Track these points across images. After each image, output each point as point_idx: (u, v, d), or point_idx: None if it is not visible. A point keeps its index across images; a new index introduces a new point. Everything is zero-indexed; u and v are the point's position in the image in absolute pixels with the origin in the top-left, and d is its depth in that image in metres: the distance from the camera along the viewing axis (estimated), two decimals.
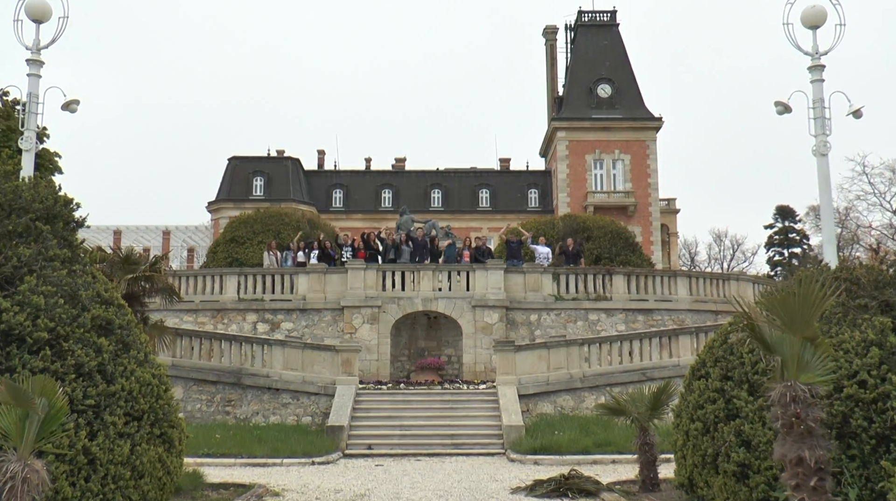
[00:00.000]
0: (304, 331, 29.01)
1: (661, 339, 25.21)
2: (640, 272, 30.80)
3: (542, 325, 29.24)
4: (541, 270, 29.94)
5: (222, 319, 29.47)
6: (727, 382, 10.98)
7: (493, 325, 28.91)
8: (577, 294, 29.76)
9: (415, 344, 30.45)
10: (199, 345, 25.41)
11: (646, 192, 65.55)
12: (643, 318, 29.65)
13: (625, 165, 66.19)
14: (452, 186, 73.24)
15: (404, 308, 29.31)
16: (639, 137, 66.55)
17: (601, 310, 29.57)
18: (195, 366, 24.96)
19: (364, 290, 29.24)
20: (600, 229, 36.78)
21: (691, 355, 23.83)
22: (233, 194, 69.99)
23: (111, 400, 10.06)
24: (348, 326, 28.98)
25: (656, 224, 65.59)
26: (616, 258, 35.31)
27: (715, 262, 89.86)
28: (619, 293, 29.83)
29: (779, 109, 18.54)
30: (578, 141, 66.74)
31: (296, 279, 29.91)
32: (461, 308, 29.21)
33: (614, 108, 67.31)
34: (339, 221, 67.19)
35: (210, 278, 30.42)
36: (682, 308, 30.00)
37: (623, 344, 25.16)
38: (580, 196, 65.50)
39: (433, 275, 29.52)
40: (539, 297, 29.53)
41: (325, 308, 29.41)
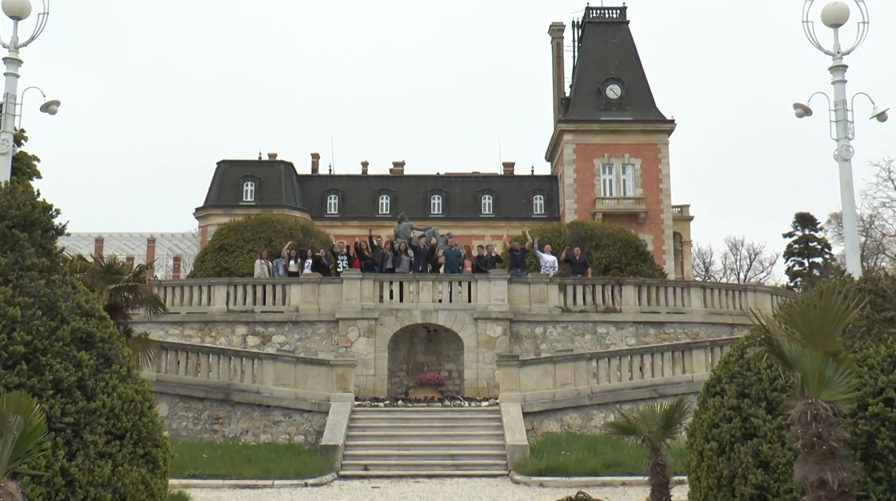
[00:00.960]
0: (297, 345, 28.96)
1: (673, 353, 25.16)
2: (651, 283, 30.75)
3: (547, 338, 29.19)
4: (546, 280, 29.90)
5: (210, 332, 29.41)
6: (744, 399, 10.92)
7: (496, 338, 28.87)
8: (584, 306, 29.71)
9: (414, 359, 30.40)
10: (186, 359, 25.36)
11: (657, 198, 65.55)
12: (655, 331, 29.59)
13: (635, 170, 66.21)
14: (453, 191, 73.25)
15: (403, 321, 29.27)
16: (650, 140, 66.57)
17: (610, 323, 29.52)
18: (181, 382, 24.90)
19: (360, 301, 29.21)
20: (609, 238, 36.73)
21: (706, 370, 23.79)
22: (222, 200, 69.98)
23: (91, 418, 10.01)
24: (343, 339, 28.94)
25: (668, 232, 65.55)
26: (626, 268, 35.27)
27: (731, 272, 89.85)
28: (630, 305, 29.78)
29: (798, 111, 18.54)
30: (586, 144, 66.74)
31: (288, 290, 29.86)
32: (462, 321, 29.17)
33: (624, 109, 67.37)
34: (334, 228, 67.09)
35: (197, 288, 30.38)
36: (695, 321, 29.94)
37: (633, 359, 25.11)
38: (588, 202, 65.49)
39: (433, 286, 29.49)
40: (545, 309, 29.48)
41: (318, 321, 29.37)
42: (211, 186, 71.53)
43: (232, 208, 67.90)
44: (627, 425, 14.69)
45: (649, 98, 68.28)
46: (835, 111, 17.80)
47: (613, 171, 66.47)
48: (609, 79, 68.15)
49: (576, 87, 69.78)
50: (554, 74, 76.65)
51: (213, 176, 71.98)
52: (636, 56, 69.86)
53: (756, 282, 74.54)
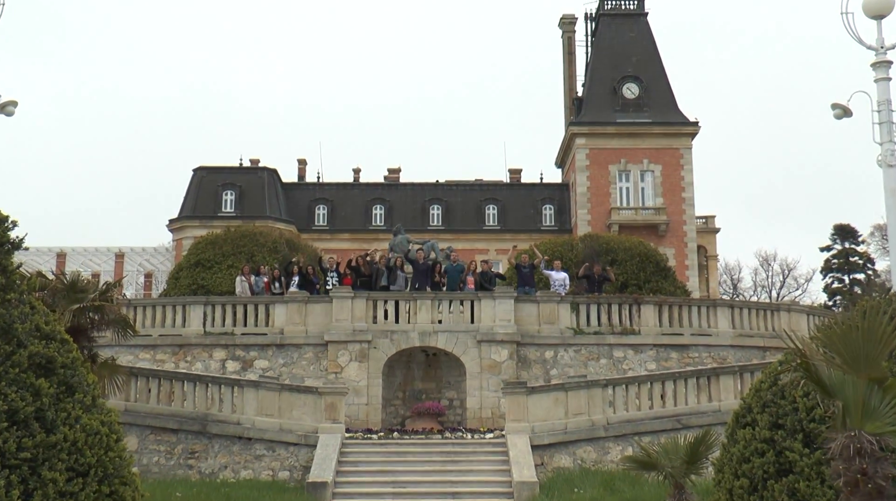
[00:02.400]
0: (282, 370, 28.91)
1: (698, 380, 25.10)
2: (673, 302, 30.73)
3: (558, 363, 29.15)
4: (557, 299, 29.86)
5: (185, 356, 29.35)
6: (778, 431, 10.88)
7: (501, 363, 28.82)
8: (599, 327, 29.67)
9: (410, 386, 30.35)
10: (158, 387, 25.29)
11: (679, 208, 65.58)
12: (677, 355, 29.55)
13: (655, 177, 66.28)
14: (454, 201, 73.31)
15: (398, 344, 29.23)
16: (671, 144, 66.65)
17: (628, 346, 29.48)
18: (153, 411, 24.82)
19: (351, 322, 29.17)
20: (626, 252, 36.69)
21: (735, 398, 23.67)
22: (198, 211, 70.05)
23: (51, 453, 9.93)
24: (333, 364, 28.89)
25: (692, 246, 65.56)
26: (645, 285, 35.22)
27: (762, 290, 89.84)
28: (649, 326, 29.76)
29: (837, 112, 18.52)
30: (601, 149, 66.83)
31: (272, 310, 29.83)
32: (464, 344, 29.12)
33: (642, 110, 67.48)
34: (322, 241, 67.03)
35: (171, 308, 30.33)
36: (723, 344, 29.89)
37: (654, 386, 25.06)
38: (603, 213, 65.53)
39: (432, 305, 29.45)
40: (555, 330, 29.45)
41: (305, 344, 29.33)
42: (186, 196, 71.59)
43: (210, 219, 67.90)
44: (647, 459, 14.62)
45: (670, 98, 68.40)
46: (878, 112, 17.77)
47: (631, 178, 66.55)
48: (626, 77, 68.29)
49: (589, 85, 69.91)
50: (565, 72, 76.82)
51: (189, 184, 72.05)
52: (656, 51, 70.03)
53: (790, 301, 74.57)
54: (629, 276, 35.59)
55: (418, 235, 50.27)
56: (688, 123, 67.12)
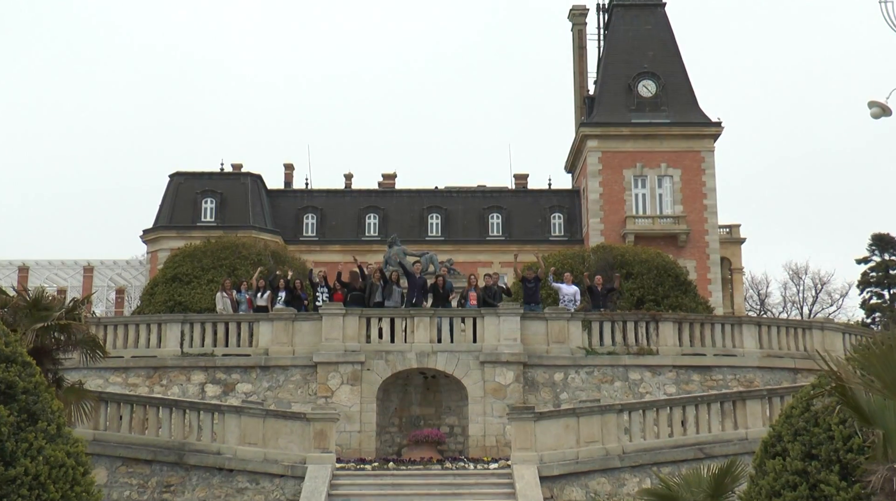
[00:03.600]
0: (267, 395, 28.86)
1: (722, 405, 25.03)
2: (694, 319, 30.69)
3: (569, 386, 29.10)
4: (567, 315, 29.82)
5: (160, 379, 29.29)
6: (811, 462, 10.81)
7: (506, 386, 28.77)
8: (613, 347, 29.63)
9: (407, 411, 30.29)
10: (130, 413, 25.18)
11: (701, 216, 65.57)
12: (699, 377, 29.50)
13: (674, 183, 66.30)
14: (455, 209, 73.36)
15: (394, 365, 29.17)
16: (692, 146, 66.68)
17: (645, 367, 29.44)
18: (124, 441, 24.72)
19: (343, 342, 29.12)
20: (643, 264, 36.66)
21: (763, 426, 23.64)
22: (175, 220, 70.11)
23: (10, 488, 9.86)
24: (323, 388, 28.83)
25: (715, 257, 65.52)
26: (663, 301, 35.18)
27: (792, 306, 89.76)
28: (668, 346, 29.72)
29: (874, 111, 18.47)
30: (614, 152, 66.87)
31: (256, 328, 29.78)
32: (466, 365, 29.07)
33: (660, 109, 67.54)
34: (311, 253, 67.01)
35: (145, 326, 30.27)
36: (749, 365, 29.84)
37: (674, 411, 24.98)
38: (617, 222, 65.54)
39: (430, 322, 29.40)
40: (565, 350, 29.41)
41: (293, 365, 29.28)
42: (162, 204, 71.64)
43: (188, 229, 67.94)
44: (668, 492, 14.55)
45: (690, 96, 68.47)
46: None
47: (647, 184, 66.58)
48: (641, 73, 68.38)
49: (601, 83, 69.98)
50: (575, 68, 76.93)
51: (165, 191, 72.11)
52: (674, 45, 70.13)
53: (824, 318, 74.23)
54: (646, 291, 35.55)
55: (415, 246, 50.39)
56: (710, 123, 67.16)
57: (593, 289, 31.79)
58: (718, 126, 66.97)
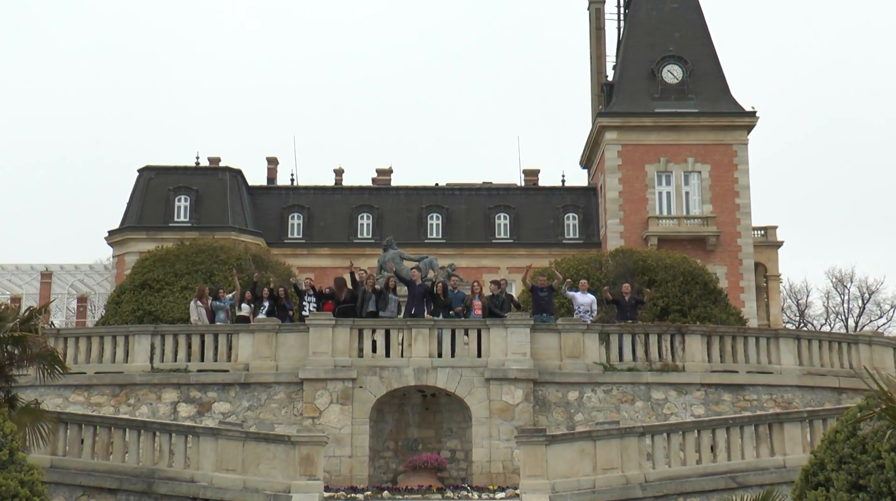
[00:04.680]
0: (247, 415, 28.86)
1: (757, 428, 24.97)
2: (725, 332, 30.67)
3: (584, 406, 29.10)
4: (583, 327, 29.79)
5: (128, 398, 29.29)
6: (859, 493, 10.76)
7: (515, 406, 28.77)
8: (634, 362, 29.61)
9: (404, 434, 30.30)
10: (93, 436, 25.13)
11: (732, 217, 65.59)
12: (730, 397, 29.48)
13: (702, 180, 66.34)
14: (458, 208, 73.41)
15: (389, 382, 29.16)
16: (722, 139, 66.71)
17: (669, 385, 29.44)
18: (86, 467, 24.65)
19: (332, 356, 29.11)
20: (667, 271, 36.70)
21: (803, 452, 23.61)
22: (145, 220, 70.21)
23: None
24: (310, 407, 28.84)
25: (748, 263, 65.54)
26: (690, 312, 35.22)
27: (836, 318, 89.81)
28: (696, 362, 29.69)
29: None
30: (636, 145, 66.93)
31: (235, 341, 29.77)
32: (470, 382, 29.05)
33: (687, 98, 67.56)
34: (297, 257, 67.19)
35: (110, 339, 30.24)
36: (787, 384, 29.85)
37: (702, 435, 24.90)
38: (638, 223, 65.58)
39: (430, 334, 29.37)
40: (580, 366, 29.39)
41: (276, 382, 29.26)
42: (130, 202, 71.71)
43: (159, 230, 68.09)
44: None
45: (721, 83, 68.51)
46: None
47: (673, 181, 66.62)
48: (667, 57, 68.42)
49: (621, 68, 70.03)
50: (592, 52, 77.06)
51: (134, 188, 72.17)
52: (703, 26, 70.20)
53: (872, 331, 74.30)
54: (671, 300, 35.59)
55: (414, 249, 50.27)
56: (743, 112, 67.19)
57: (619, 300, 31.58)
58: (752, 116, 66.98)
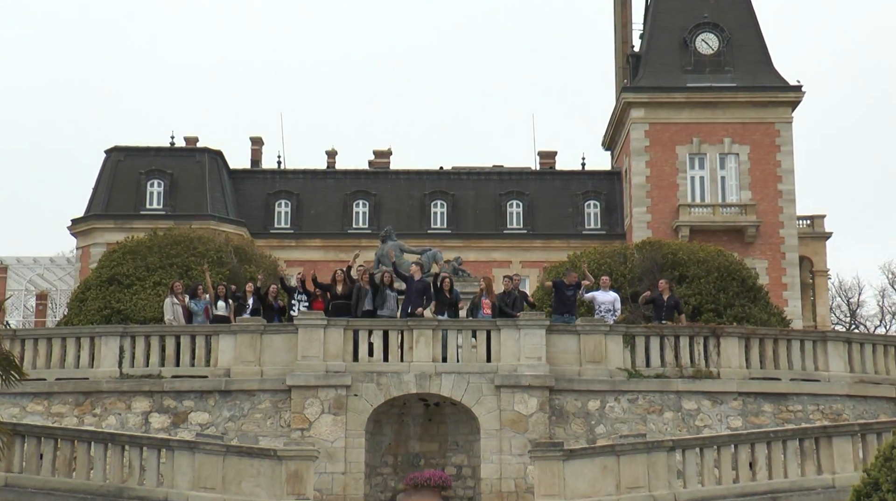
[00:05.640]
0: (228, 427, 28.89)
1: (802, 442, 24.95)
2: (765, 334, 30.67)
3: (607, 417, 29.13)
4: (605, 329, 29.78)
5: (93, 408, 29.30)
6: None
7: (528, 417, 28.78)
8: (663, 368, 29.64)
9: (404, 448, 30.32)
10: (54, 451, 25.13)
11: (774, 205, 65.45)
12: (772, 408, 29.47)
13: (740, 163, 66.22)
14: (464, 195, 73.36)
15: (388, 390, 29.17)
16: (764, 117, 66.55)
17: (703, 394, 29.45)
18: (45, 486, 24.67)
19: (324, 360, 29.13)
20: (700, 265, 36.61)
21: (854, 469, 23.61)
22: (113, 208, 70.22)
23: None
24: (298, 418, 28.85)
25: (792, 257, 65.41)
26: (726, 312, 35.15)
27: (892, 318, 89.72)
28: (733, 368, 29.71)
29: None
30: (665, 124, 66.80)
31: (215, 343, 29.81)
32: (478, 390, 29.06)
33: (723, 70, 67.43)
34: (285, 249, 67.11)
35: (74, 341, 30.27)
36: (836, 393, 29.82)
37: (739, 450, 24.88)
38: (667, 212, 65.50)
39: (433, 336, 29.35)
40: (602, 372, 29.41)
41: (261, 389, 29.30)
42: (96, 187, 71.65)
43: (129, 219, 68.12)
44: None
45: (762, 53, 68.34)
46: None
47: (707, 164, 66.52)
48: (701, 24, 68.30)
49: (650, 37, 69.90)
50: (616, 19, 76.96)
51: (100, 171, 72.11)
52: None
53: None
54: (704, 298, 35.53)
55: (415, 241, 50.36)
56: (787, 87, 67.02)
57: (655, 298, 31.38)
58: (798, 91, 66.79)
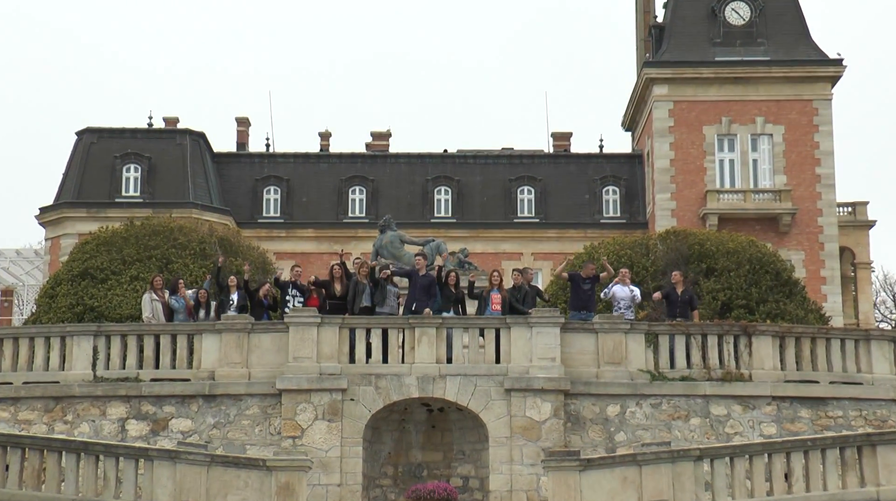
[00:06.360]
0: (212, 434, 28.95)
1: (843, 451, 24.94)
2: (802, 333, 30.69)
3: (627, 424, 29.18)
4: (626, 326, 29.80)
5: (64, 414, 29.35)
6: None
7: (541, 423, 28.83)
8: (689, 370, 29.67)
9: (405, 457, 30.36)
10: (21, 461, 25.18)
11: (812, 191, 65.33)
12: (809, 413, 29.48)
13: (774, 145, 66.09)
14: (471, 181, 73.27)
15: (388, 394, 29.22)
16: (800, 93, 66.35)
17: (733, 398, 29.47)
18: (13, 500, 24.73)
19: (317, 361, 29.16)
20: (730, 257, 36.60)
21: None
22: (85, 195, 70.16)
23: None
24: (289, 425, 28.90)
25: (831, 248, 65.24)
26: (759, 308, 35.13)
27: None
28: (766, 369, 29.73)
29: None
30: (691, 102, 66.70)
31: (198, 343, 29.86)
32: (486, 394, 29.12)
33: (755, 43, 67.28)
34: (274, 240, 67.10)
35: (43, 341, 30.32)
36: (881, 397, 29.82)
37: (774, 459, 24.89)
38: (694, 198, 65.44)
39: (437, 335, 29.37)
40: (622, 374, 29.45)
41: (248, 394, 29.36)
42: (67, 173, 71.55)
43: (103, 207, 68.14)
44: None
45: (799, 24, 68.19)
46: None
47: (737, 146, 66.46)
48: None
49: (674, 6, 69.82)
50: None
51: (72, 155, 71.97)
52: None
53: None
54: (734, 293, 35.51)
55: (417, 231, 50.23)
56: (826, 61, 66.81)
57: (670, 294, 31.44)
58: (838, 65, 66.56)
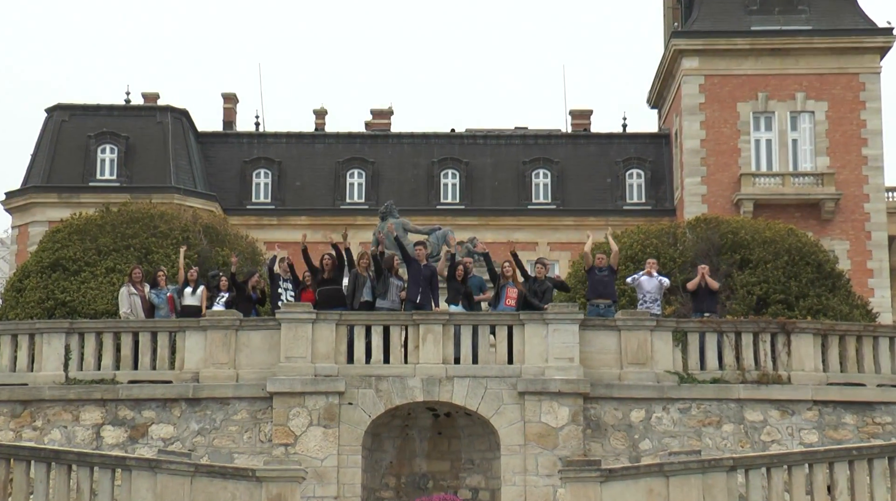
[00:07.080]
0: (196, 441, 28.98)
1: (891, 461, 24.96)
2: (846, 331, 30.69)
3: (653, 430, 29.21)
4: (651, 323, 29.80)
5: (33, 419, 29.41)
6: None
7: (558, 430, 28.87)
8: (721, 371, 29.67)
9: (409, 467, 30.41)
10: None
11: (858, 174, 65.20)
12: (854, 419, 29.49)
13: (816, 123, 65.98)
14: (481, 163, 73.30)
15: (389, 398, 29.26)
16: (845, 66, 66.20)
17: (770, 403, 29.49)
18: None
19: (312, 361, 29.20)
20: (767, 247, 36.60)
21: None
22: (55, 178, 70.23)
23: None
24: (281, 431, 28.94)
25: (879, 237, 65.09)
26: (799, 303, 35.14)
27: None
28: (807, 371, 29.73)
29: None
30: (724, 76, 66.64)
31: (181, 341, 29.88)
32: (497, 397, 29.15)
33: (796, 10, 67.21)
34: (264, 228, 67.10)
35: (9, 339, 30.38)
36: None
37: (815, 470, 24.91)
38: (726, 183, 65.40)
39: (444, 332, 29.40)
40: (647, 375, 29.47)
41: (236, 397, 29.41)
42: (35, 154, 71.53)
43: (76, 192, 68.19)
44: None
45: None
46: None
47: (775, 125, 66.36)
48: None
49: None
50: None
51: (41, 135, 71.97)
52: None
53: None
54: (772, 287, 35.52)
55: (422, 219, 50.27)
56: (874, 30, 66.68)
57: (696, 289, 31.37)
58: (888, 35, 66.35)
